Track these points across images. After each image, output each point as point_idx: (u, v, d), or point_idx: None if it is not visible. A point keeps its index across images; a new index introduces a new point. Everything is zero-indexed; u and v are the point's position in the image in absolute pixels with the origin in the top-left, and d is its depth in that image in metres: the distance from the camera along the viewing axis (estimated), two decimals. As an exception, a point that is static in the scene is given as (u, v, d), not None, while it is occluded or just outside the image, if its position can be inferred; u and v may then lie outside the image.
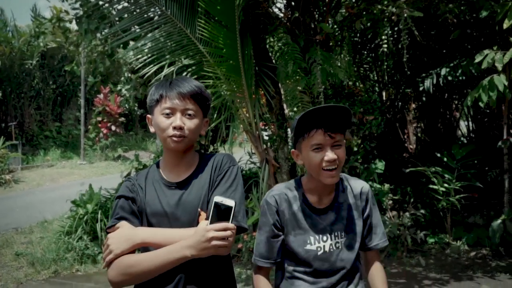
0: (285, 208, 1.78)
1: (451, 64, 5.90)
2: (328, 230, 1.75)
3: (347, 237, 1.77)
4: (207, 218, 1.51)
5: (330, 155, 1.64)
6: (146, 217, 1.70)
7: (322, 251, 1.74)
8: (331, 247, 1.74)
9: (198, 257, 1.51)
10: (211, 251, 1.48)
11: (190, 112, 1.69)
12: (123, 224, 1.66)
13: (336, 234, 1.75)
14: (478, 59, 4.85)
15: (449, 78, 5.93)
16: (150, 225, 1.69)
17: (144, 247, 1.68)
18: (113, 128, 19.30)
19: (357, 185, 1.84)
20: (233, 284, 1.80)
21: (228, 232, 1.47)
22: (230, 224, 1.48)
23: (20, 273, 5.81)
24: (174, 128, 1.66)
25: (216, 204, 1.49)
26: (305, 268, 1.76)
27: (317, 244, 1.74)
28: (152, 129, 1.78)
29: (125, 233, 1.62)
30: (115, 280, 1.58)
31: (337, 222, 1.77)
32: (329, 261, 1.74)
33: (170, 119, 1.68)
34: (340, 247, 1.76)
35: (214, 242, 1.45)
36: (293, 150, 1.79)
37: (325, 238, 1.74)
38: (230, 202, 1.50)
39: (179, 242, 1.54)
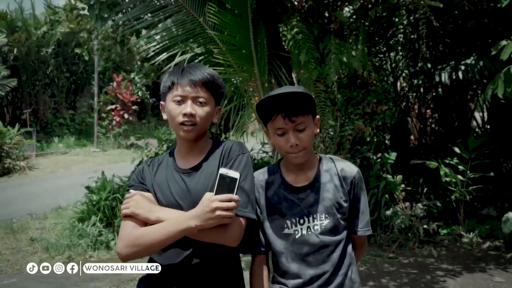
0: (261, 194, 1.76)
1: (470, 59, 5.77)
2: (305, 212, 1.70)
3: (330, 220, 1.69)
4: (212, 190, 1.52)
5: (291, 140, 1.64)
6: (155, 198, 1.72)
7: (299, 234, 1.69)
8: (308, 229, 1.69)
9: (202, 227, 1.52)
10: (214, 222, 1.50)
11: (201, 99, 1.69)
12: (151, 195, 1.71)
13: (315, 216, 1.69)
14: (494, 51, 4.76)
15: (469, 73, 5.80)
16: None
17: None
18: (126, 116, 19.41)
19: (344, 166, 1.76)
20: (239, 270, 1.79)
21: (232, 203, 1.48)
22: (234, 196, 1.49)
23: (34, 258, 5.91)
24: (185, 115, 1.66)
25: (221, 175, 1.51)
26: (286, 257, 1.71)
27: (295, 227, 1.70)
28: (165, 116, 1.79)
29: (148, 203, 1.67)
30: (123, 252, 1.61)
31: (316, 203, 1.70)
32: (308, 244, 1.68)
33: (181, 106, 1.68)
34: (319, 229, 1.68)
35: (218, 212, 1.47)
36: (265, 129, 1.77)
37: (302, 221, 1.69)
38: (235, 174, 1.52)
39: (184, 214, 1.56)
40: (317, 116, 1.74)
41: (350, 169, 1.76)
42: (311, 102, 1.67)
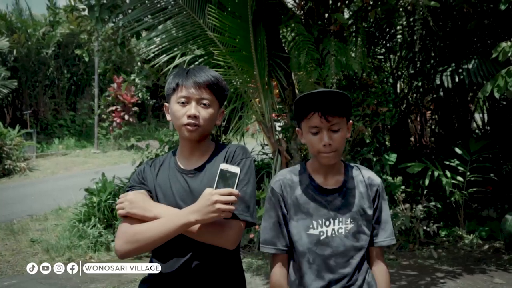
0: (288, 193, 1.76)
1: (472, 62, 5.76)
2: (332, 215, 1.71)
3: (354, 225, 1.71)
4: (212, 185, 1.53)
5: (325, 139, 1.65)
6: (156, 199, 1.72)
7: (324, 235, 1.70)
8: (333, 232, 1.70)
9: (202, 222, 1.52)
10: (215, 215, 1.49)
11: (205, 101, 1.71)
12: (145, 193, 1.71)
13: (340, 219, 1.71)
14: (495, 54, 4.75)
15: (470, 76, 5.79)
16: None
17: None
18: (126, 117, 19.42)
19: (369, 175, 1.80)
20: (240, 273, 1.81)
21: (232, 197, 1.48)
22: (234, 190, 1.50)
23: (35, 259, 5.92)
24: (189, 116, 1.68)
25: (222, 171, 1.53)
26: (308, 258, 1.71)
27: (320, 228, 1.71)
28: (168, 117, 1.80)
29: (144, 201, 1.66)
30: (122, 248, 1.61)
31: (343, 207, 1.72)
32: (332, 246, 1.70)
33: (185, 107, 1.70)
34: (343, 233, 1.70)
35: (218, 206, 1.47)
36: (297, 129, 1.79)
37: (327, 223, 1.71)
38: (235, 169, 1.53)
39: (184, 209, 1.57)
40: (350, 121, 1.76)
41: (376, 178, 1.81)
42: (348, 104, 1.69)
